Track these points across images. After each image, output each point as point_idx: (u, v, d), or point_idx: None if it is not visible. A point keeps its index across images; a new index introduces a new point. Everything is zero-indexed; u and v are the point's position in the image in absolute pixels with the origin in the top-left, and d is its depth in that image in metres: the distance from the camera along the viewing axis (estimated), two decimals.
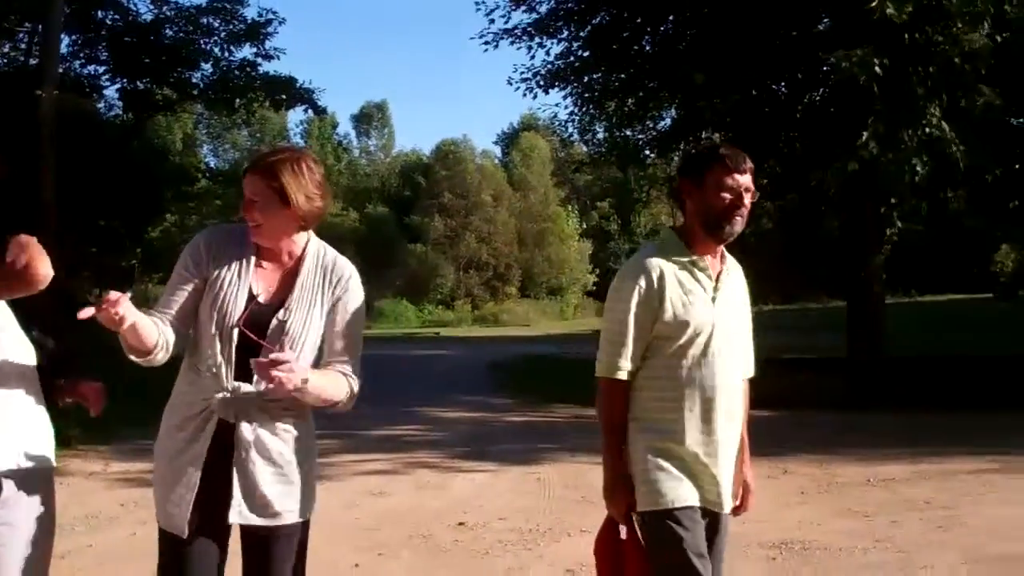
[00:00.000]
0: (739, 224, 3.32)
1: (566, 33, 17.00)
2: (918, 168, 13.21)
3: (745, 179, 3.31)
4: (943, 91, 12.88)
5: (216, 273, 3.12)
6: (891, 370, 15.85)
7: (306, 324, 3.14)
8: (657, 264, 3.28)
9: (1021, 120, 19.80)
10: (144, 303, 3.12)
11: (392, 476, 9.52)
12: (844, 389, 14.88)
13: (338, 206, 61.37)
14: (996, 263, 46.95)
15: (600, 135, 19.16)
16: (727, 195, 3.28)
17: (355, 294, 3.28)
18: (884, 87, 12.45)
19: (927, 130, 12.72)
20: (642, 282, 3.25)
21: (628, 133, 18.45)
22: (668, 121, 18.30)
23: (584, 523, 7.37)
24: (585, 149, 22.18)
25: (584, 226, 64.90)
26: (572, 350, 28.92)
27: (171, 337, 3.05)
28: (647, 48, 17.20)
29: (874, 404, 14.14)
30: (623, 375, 3.28)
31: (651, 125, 18.40)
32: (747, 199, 3.31)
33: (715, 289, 3.34)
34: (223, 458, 3.07)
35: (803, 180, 14.39)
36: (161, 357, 3.05)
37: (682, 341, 3.26)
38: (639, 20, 16.79)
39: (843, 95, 13.54)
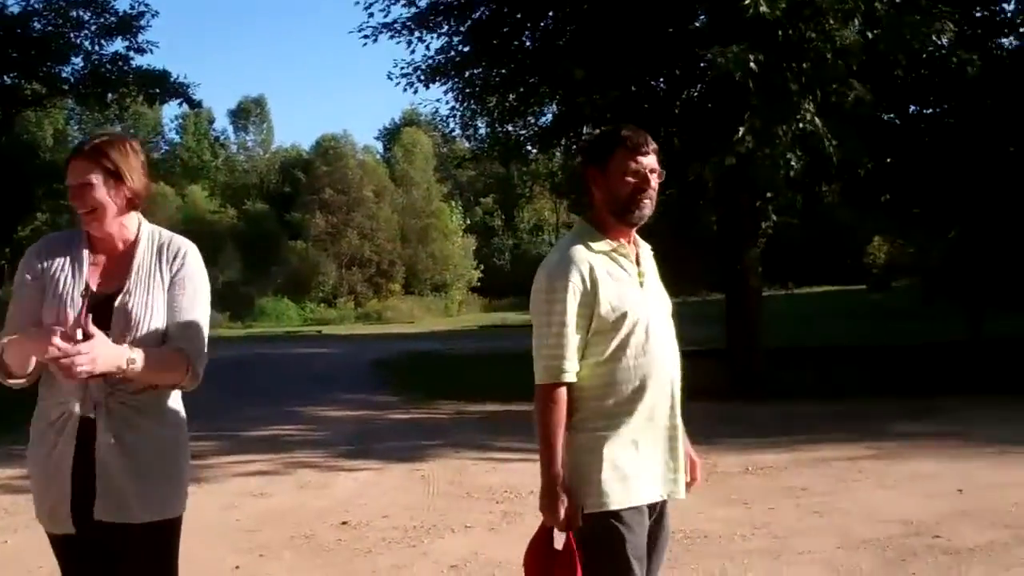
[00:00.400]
0: (648, 207, 3.24)
1: (446, 28, 16.91)
2: (792, 162, 13.47)
3: (649, 160, 3.24)
4: (816, 87, 13.15)
5: (52, 276, 3.12)
6: (768, 361, 16.19)
7: (148, 306, 3.10)
8: (584, 257, 3.18)
9: (892, 115, 20.44)
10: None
11: (273, 477, 9.38)
12: (723, 380, 15.12)
13: (216, 203, 60.33)
14: (868, 255, 48.30)
15: (482, 130, 19.15)
16: (632, 179, 3.20)
17: (192, 269, 3.21)
18: (759, 83, 12.67)
19: (801, 125, 12.98)
20: (574, 279, 3.14)
21: (510, 128, 18.45)
22: (549, 116, 18.36)
23: (468, 519, 7.37)
24: (467, 144, 22.14)
25: (468, 222, 64.94)
26: (456, 346, 28.99)
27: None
28: (527, 44, 17.22)
29: (752, 394, 14.42)
30: (569, 377, 3.15)
31: (532, 120, 18.44)
32: (653, 180, 3.24)
33: (639, 274, 3.29)
34: (88, 455, 3.03)
35: (682, 175, 14.59)
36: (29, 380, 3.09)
37: (621, 333, 3.17)
38: (519, 15, 16.80)
39: (719, 91, 13.76)
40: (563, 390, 3.14)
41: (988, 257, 22.08)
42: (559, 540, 3.19)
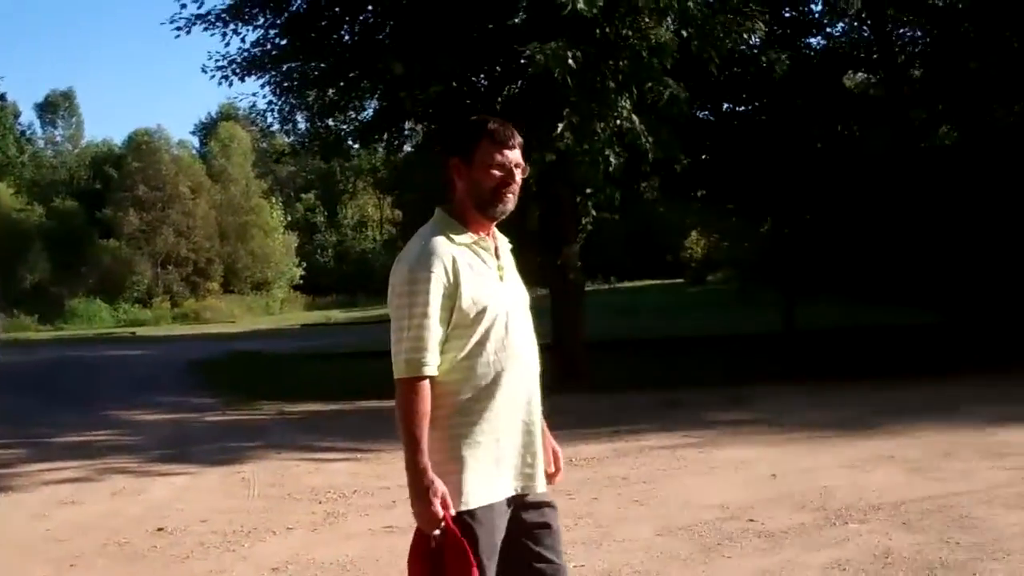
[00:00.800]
0: (511, 201, 3.20)
1: (262, 20, 16.49)
2: (611, 159, 13.68)
3: (515, 155, 3.18)
4: (633, 84, 13.40)
5: None
6: (592, 354, 16.45)
7: None
8: (446, 249, 3.10)
9: (706, 112, 21.06)
10: None
11: (84, 484, 9.02)
12: (548, 373, 15.23)
13: (22, 200, 57.69)
14: (687, 250, 49.62)
15: (301, 125, 18.78)
16: (497, 171, 3.15)
17: None
18: (577, 80, 12.82)
19: (618, 122, 13.20)
20: (437, 271, 3.05)
21: (330, 123, 18.16)
22: (370, 111, 18.19)
23: (289, 521, 7.23)
24: (287, 139, 21.72)
25: (289, 218, 63.87)
26: (278, 346, 28.50)
27: None
28: (347, 38, 16.99)
29: (577, 387, 14.61)
30: (430, 370, 3.05)
31: (353, 115, 18.21)
32: (518, 175, 3.19)
33: (499, 268, 3.23)
34: None
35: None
36: None
37: (482, 327, 3.11)
38: (337, 9, 16.57)
39: (539, 88, 13.86)
40: (426, 383, 3.05)
41: (799, 249, 22.94)
42: (435, 539, 3.07)
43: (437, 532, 3.03)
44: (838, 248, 23.12)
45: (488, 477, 3.12)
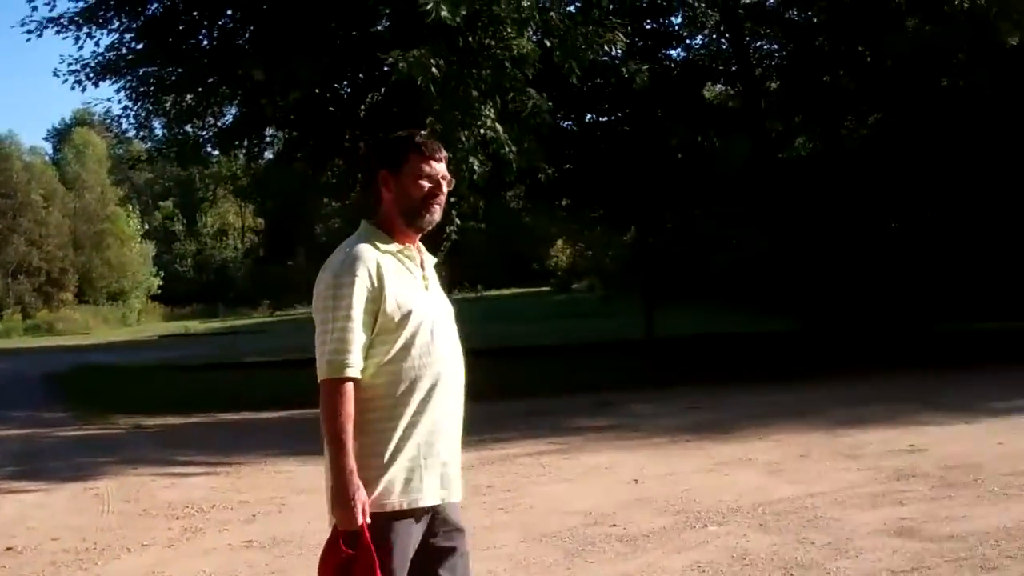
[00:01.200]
0: (438, 212, 3.26)
1: (117, 24, 16.02)
2: (475, 167, 13.68)
3: (441, 167, 3.26)
4: (496, 93, 13.44)
5: None
6: None
7: None
8: (372, 255, 3.12)
9: (570, 122, 21.29)
10: None
11: None
12: None
13: None
14: (552, 258, 50.08)
15: (159, 131, 18.32)
16: (426, 183, 3.21)
17: None
18: (440, 88, 12.79)
19: (482, 131, 13.21)
20: (362, 275, 3.07)
21: (188, 129, 17.75)
22: (230, 118, 17.84)
23: (145, 537, 7.01)
24: (144, 145, 21.14)
25: (147, 227, 62.35)
26: (135, 357, 27.73)
27: None
28: (205, 42, 16.65)
29: None
30: (353, 372, 3.05)
31: (212, 121, 17.84)
32: (445, 187, 3.26)
33: (424, 278, 3.26)
34: None
35: (370, 180, 14.54)
36: None
37: (406, 332, 3.12)
38: (195, 13, 16.22)
39: (402, 96, 13.79)
40: (349, 386, 3.05)
41: (661, 257, 23.36)
42: (353, 543, 3.04)
43: (352, 535, 3.01)
44: (699, 256, 23.61)
45: (411, 483, 3.13)
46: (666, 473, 8.53)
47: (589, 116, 22.02)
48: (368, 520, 3.01)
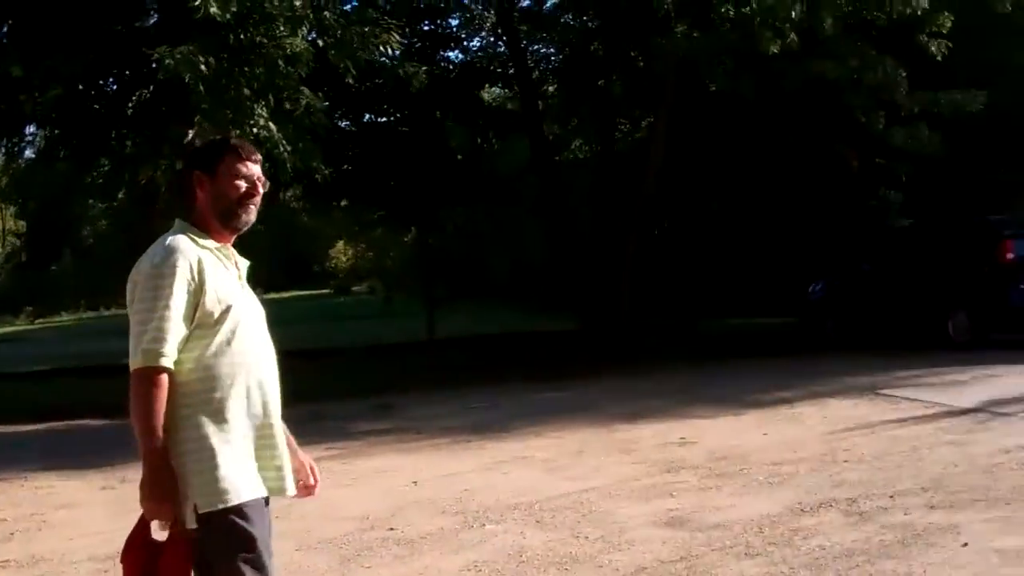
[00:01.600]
0: (253, 213, 3.32)
1: None
2: None
3: (256, 168, 3.33)
4: (269, 92, 13.13)
5: None
6: None
7: None
8: (192, 248, 3.14)
9: (348, 122, 21.13)
10: None
11: None
12: None
13: None
14: (332, 260, 49.61)
15: None
16: (242, 183, 3.27)
17: None
18: (210, 86, 12.41)
19: (255, 130, 12.89)
20: (182, 266, 3.07)
21: None
22: None
23: None
24: None
25: None
26: None
27: None
28: None
29: None
30: (167, 362, 3.03)
31: None
32: (260, 189, 3.32)
33: (240, 278, 3.31)
34: None
35: (135, 181, 14.00)
36: None
37: (226, 327, 3.14)
38: None
39: (170, 93, 13.32)
40: (164, 376, 3.03)
41: (440, 258, 23.45)
42: (161, 533, 3.07)
43: (164, 529, 3.04)
44: (479, 256, 23.82)
45: (248, 473, 3.14)
46: (445, 474, 8.52)
47: (368, 116, 21.92)
48: (191, 521, 3.01)
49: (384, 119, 22.16)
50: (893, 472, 7.33)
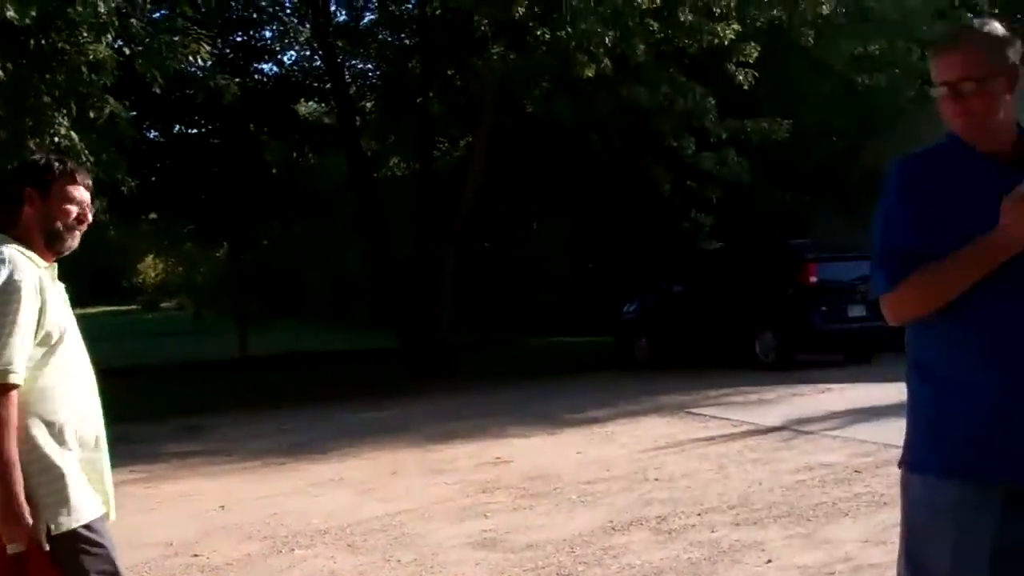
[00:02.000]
0: (77, 239, 3.29)
1: None
2: None
3: (87, 195, 3.29)
4: (71, 100, 12.58)
5: None
6: None
7: None
8: (33, 270, 3.09)
9: (156, 133, 20.48)
10: None
11: None
12: None
13: None
14: (140, 275, 48.08)
15: None
16: (73, 208, 3.23)
17: None
18: (8, 93, 11.82)
19: (56, 139, 12.33)
20: (28, 286, 3.02)
21: None
22: None
23: None
24: None
25: None
26: None
27: None
28: None
29: None
30: (17, 379, 2.97)
31: None
32: (89, 216, 3.28)
33: (65, 301, 3.27)
34: None
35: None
36: None
37: (63, 348, 3.13)
38: None
39: None
40: (14, 394, 2.97)
41: (254, 273, 22.97)
42: (18, 551, 2.98)
43: (20, 549, 2.96)
44: (295, 272, 23.41)
45: (89, 490, 3.12)
46: (255, 498, 8.27)
47: (177, 127, 21.27)
48: (46, 544, 2.98)
49: (195, 130, 21.55)
50: (701, 490, 7.47)
